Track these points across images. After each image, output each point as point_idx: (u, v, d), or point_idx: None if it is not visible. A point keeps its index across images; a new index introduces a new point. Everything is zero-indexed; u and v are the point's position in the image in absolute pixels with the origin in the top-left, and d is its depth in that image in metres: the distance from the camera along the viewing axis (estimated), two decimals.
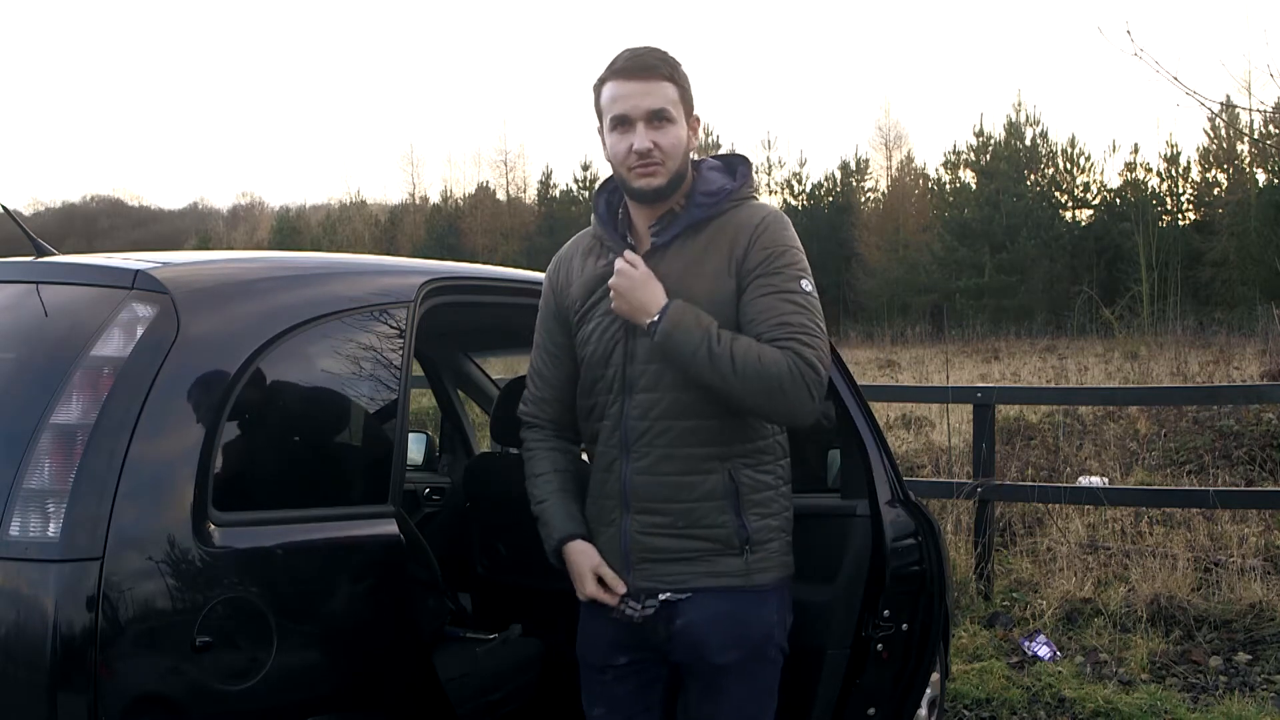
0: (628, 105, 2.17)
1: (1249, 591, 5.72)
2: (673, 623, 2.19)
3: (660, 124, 2.17)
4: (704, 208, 2.22)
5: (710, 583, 2.17)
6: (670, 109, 2.18)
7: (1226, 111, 18.76)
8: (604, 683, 2.31)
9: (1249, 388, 9.12)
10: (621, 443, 2.20)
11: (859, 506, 3.07)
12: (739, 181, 2.27)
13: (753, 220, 2.21)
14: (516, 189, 55.11)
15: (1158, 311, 24.88)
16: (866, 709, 3.12)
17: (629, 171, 2.19)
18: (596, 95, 2.24)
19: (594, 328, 2.25)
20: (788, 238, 2.21)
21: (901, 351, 23.97)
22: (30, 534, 1.86)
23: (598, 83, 2.23)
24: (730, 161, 2.33)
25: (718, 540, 2.17)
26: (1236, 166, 39.71)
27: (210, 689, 1.93)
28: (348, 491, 2.35)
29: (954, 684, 4.84)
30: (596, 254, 2.30)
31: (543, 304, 2.40)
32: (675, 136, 2.18)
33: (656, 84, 2.17)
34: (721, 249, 2.19)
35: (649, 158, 2.16)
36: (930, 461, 8.84)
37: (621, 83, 2.18)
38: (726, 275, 2.17)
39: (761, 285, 2.14)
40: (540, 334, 2.40)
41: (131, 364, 1.97)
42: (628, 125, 2.17)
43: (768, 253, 2.16)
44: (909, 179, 49.85)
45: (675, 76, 2.20)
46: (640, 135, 2.16)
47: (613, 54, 2.22)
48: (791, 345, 2.08)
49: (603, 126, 2.24)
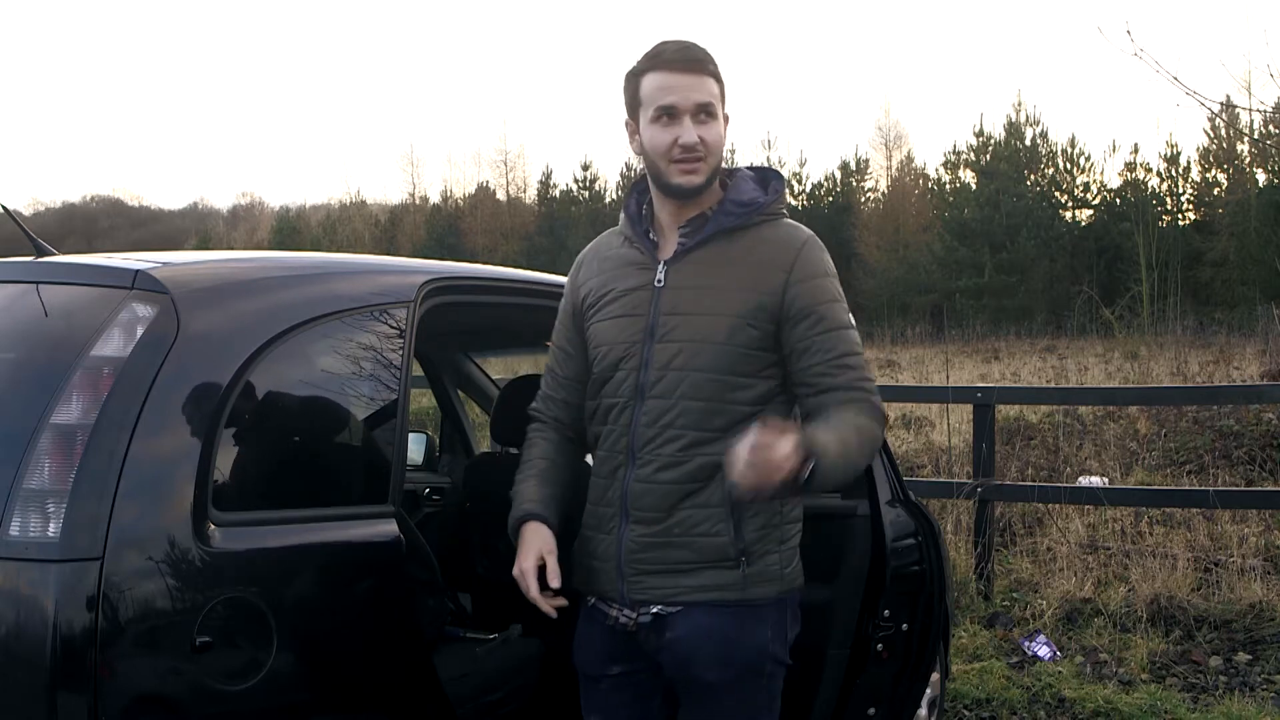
0: (678, 96, 2.13)
1: (1249, 591, 5.73)
2: (662, 635, 2.16)
3: (706, 119, 2.14)
4: (735, 216, 2.19)
5: (700, 597, 2.12)
6: (715, 104, 2.16)
7: (1226, 111, 18.75)
8: (600, 692, 2.28)
9: (1249, 388, 9.13)
10: (628, 448, 2.17)
11: (859, 506, 3.07)
12: (771, 196, 2.23)
13: (793, 243, 2.18)
14: (516, 189, 55.19)
15: (1158, 311, 24.86)
16: (867, 709, 3.12)
17: (670, 165, 2.15)
18: (633, 85, 2.19)
19: (608, 327, 2.22)
20: (828, 264, 2.21)
21: (901, 351, 23.96)
22: (30, 534, 1.85)
23: (635, 73, 2.19)
24: (764, 175, 2.29)
25: (712, 551, 2.12)
26: (1236, 166, 39.70)
27: (210, 689, 1.93)
28: (348, 491, 2.35)
29: (954, 684, 4.84)
30: (621, 251, 2.28)
31: (563, 301, 2.39)
32: (718, 134, 2.16)
33: (704, 79, 2.15)
34: (755, 267, 2.15)
35: (694, 152, 2.13)
36: (930, 461, 8.84)
37: (670, 74, 2.14)
38: (755, 293, 2.13)
39: (815, 324, 2.13)
40: (557, 332, 2.38)
41: (131, 364, 1.96)
42: (674, 117, 2.13)
43: (815, 284, 2.16)
44: (909, 179, 49.85)
45: (718, 73, 2.18)
46: (688, 129, 2.12)
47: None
48: (864, 399, 2.12)
49: (639, 118, 2.19)
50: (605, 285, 2.26)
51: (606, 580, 2.20)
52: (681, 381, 2.13)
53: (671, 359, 2.14)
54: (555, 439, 2.35)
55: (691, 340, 2.14)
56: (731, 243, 2.18)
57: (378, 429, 2.41)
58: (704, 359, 2.13)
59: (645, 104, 2.17)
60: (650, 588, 2.15)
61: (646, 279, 2.20)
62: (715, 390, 2.13)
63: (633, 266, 2.23)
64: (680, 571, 2.14)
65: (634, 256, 2.25)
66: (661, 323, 2.16)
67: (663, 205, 2.23)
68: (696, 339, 2.14)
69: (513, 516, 2.26)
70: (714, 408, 2.12)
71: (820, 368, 2.12)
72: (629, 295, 2.21)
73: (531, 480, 2.29)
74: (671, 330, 2.15)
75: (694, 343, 2.13)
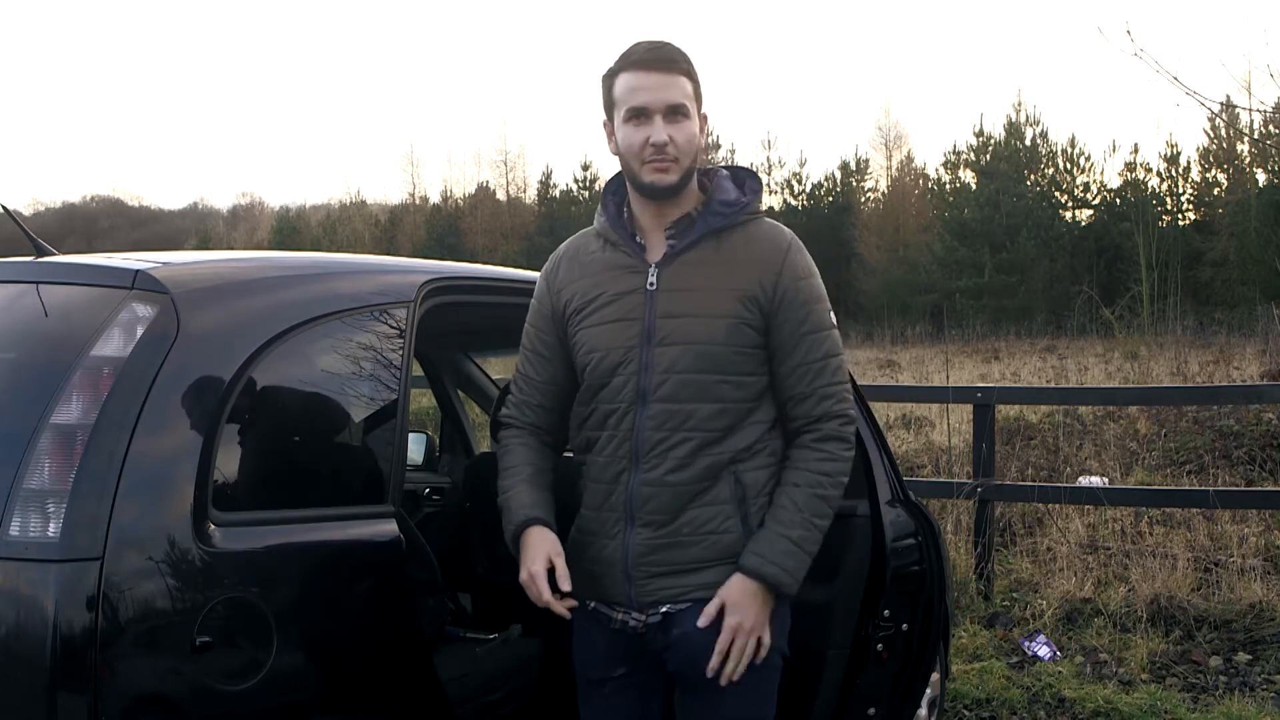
0: (648, 97, 2.14)
1: (1249, 591, 5.73)
2: (670, 632, 2.17)
3: (677, 119, 2.15)
4: (722, 217, 2.20)
5: (709, 594, 2.13)
6: (687, 104, 2.16)
7: (1226, 111, 18.76)
8: (602, 695, 2.28)
9: (1249, 388, 9.13)
10: (632, 453, 2.16)
11: (859, 506, 3.06)
12: (749, 197, 2.25)
13: (780, 243, 2.21)
14: (516, 189, 55.16)
15: (1158, 311, 24.85)
16: (866, 709, 3.12)
17: (642, 165, 2.16)
18: (608, 87, 2.21)
19: (601, 332, 2.20)
20: (811, 265, 2.25)
21: (901, 351, 23.97)
22: (30, 534, 1.85)
23: (610, 74, 2.20)
24: (738, 175, 2.31)
25: (721, 548, 2.14)
26: (1236, 166, 39.67)
27: (210, 689, 1.93)
28: (348, 491, 2.35)
29: (954, 684, 4.84)
30: (604, 254, 2.25)
31: (535, 304, 2.35)
32: (690, 133, 2.16)
33: (675, 78, 2.16)
34: (745, 266, 2.17)
35: (664, 152, 2.13)
36: (930, 461, 8.84)
37: (641, 74, 2.15)
38: (748, 292, 2.15)
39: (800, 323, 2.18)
40: (529, 336, 2.34)
41: (131, 364, 1.96)
42: (645, 117, 2.14)
43: (804, 284, 2.20)
44: (909, 179, 49.85)
45: (691, 72, 2.19)
46: (658, 128, 2.13)
47: (613, 53, 2.21)
48: (834, 430, 2.20)
49: (613, 119, 2.20)
50: (593, 289, 2.23)
51: (611, 584, 2.20)
52: (687, 384, 2.13)
53: (674, 362, 2.14)
54: (534, 444, 2.33)
55: (692, 343, 2.14)
56: (720, 243, 2.20)
57: (378, 429, 2.41)
58: (707, 361, 2.14)
59: (618, 104, 2.18)
60: (660, 589, 2.16)
61: (638, 282, 2.19)
62: (720, 391, 2.14)
63: (621, 270, 2.22)
64: (689, 571, 2.15)
65: (620, 259, 2.23)
66: (659, 326, 2.16)
67: (643, 207, 2.23)
68: (697, 342, 2.14)
69: (512, 523, 2.23)
70: (720, 408, 2.14)
71: (802, 370, 2.18)
72: (621, 299, 2.19)
73: (523, 486, 2.26)
74: (670, 334, 2.15)
75: (695, 345, 2.14)
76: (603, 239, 2.28)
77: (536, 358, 2.32)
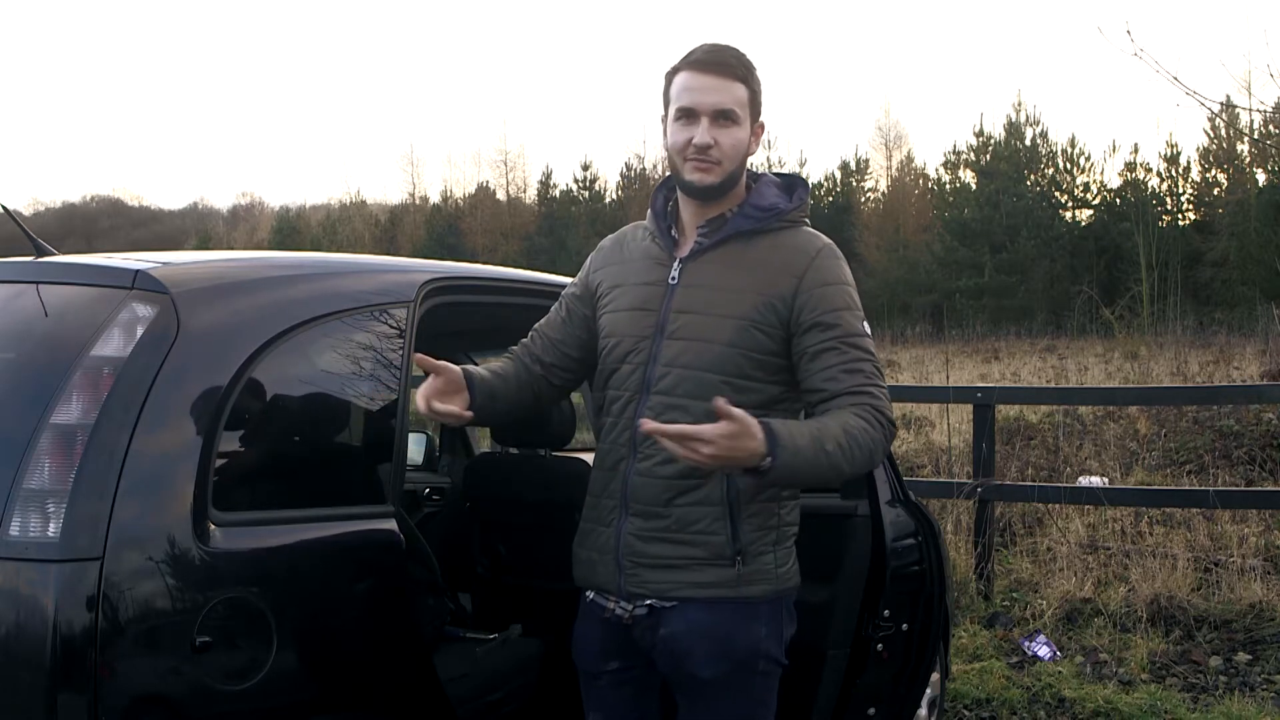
0: (696, 98, 2.16)
1: (1249, 591, 5.73)
2: (657, 632, 2.17)
3: (724, 123, 2.16)
4: (753, 220, 2.20)
5: (695, 593, 2.13)
6: (737, 110, 2.17)
7: (1226, 111, 18.77)
8: (599, 688, 2.30)
9: (1249, 388, 9.13)
10: (631, 442, 2.18)
11: (859, 506, 3.07)
12: (794, 204, 2.24)
13: (808, 250, 2.19)
14: (516, 189, 55.14)
15: (1158, 311, 24.90)
16: (866, 709, 3.12)
17: (685, 163, 2.18)
18: (667, 83, 2.23)
19: (620, 319, 2.24)
20: (843, 273, 2.20)
21: (901, 351, 23.97)
22: (30, 534, 1.86)
23: (671, 71, 2.23)
24: (790, 182, 2.31)
25: (710, 548, 2.13)
26: (1236, 166, 39.66)
27: (210, 689, 1.93)
28: (348, 491, 2.35)
29: (954, 684, 4.84)
30: (643, 244, 2.30)
31: (577, 278, 2.40)
32: (736, 138, 2.17)
33: (728, 82, 2.17)
34: (768, 271, 2.16)
35: (706, 154, 2.15)
36: (930, 461, 8.84)
37: (694, 75, 2.17)
38: (765, 297, 2.14)
39: (826, 332, 2.12)
40: (561, 301, 2.38)
41: (131, 364, 1.97)
42: (692, 118, 2.16)
43: (826, 291, 2.14)
44: (909, 179, 49.85)
45: (749, 79, 2.20)
46: (702, 130, 2.15)
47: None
48: (867, 402, 2.07)
49: (667, 115, 2.22)
50: (621, 277, 2.28)
51: (605, 573, 2.22)
52: (685, 379, 2.15)
53: (677, 356, 2.15)
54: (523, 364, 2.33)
55: (697, 339, 2.15)
56: (748, 246, 2.20)
57: (378, 429, 2.41)
58: (708, 358, 2.14)
59: (671, 101, 2.21)
60: (646, 581, 2.17)
61: (662, 275, 2.23)
62: (718, 391, 2.12)
63: (650, 261, 2.26)
64: (676, 567, 2.15)
65: (654, 251, 2.27)
66: (672, 319, 2.18)
67: (686, 204, 2.26)
68: (702, 338, 2.15)
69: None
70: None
71: (829, 372, 2.10)
72: (644, 289, 2.23)
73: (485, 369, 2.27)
74: (680, 328, 2.17)
75: (700, 342, 2.15)
76: (646, 230, 2.33)
77: (558, 318, 2.37)
